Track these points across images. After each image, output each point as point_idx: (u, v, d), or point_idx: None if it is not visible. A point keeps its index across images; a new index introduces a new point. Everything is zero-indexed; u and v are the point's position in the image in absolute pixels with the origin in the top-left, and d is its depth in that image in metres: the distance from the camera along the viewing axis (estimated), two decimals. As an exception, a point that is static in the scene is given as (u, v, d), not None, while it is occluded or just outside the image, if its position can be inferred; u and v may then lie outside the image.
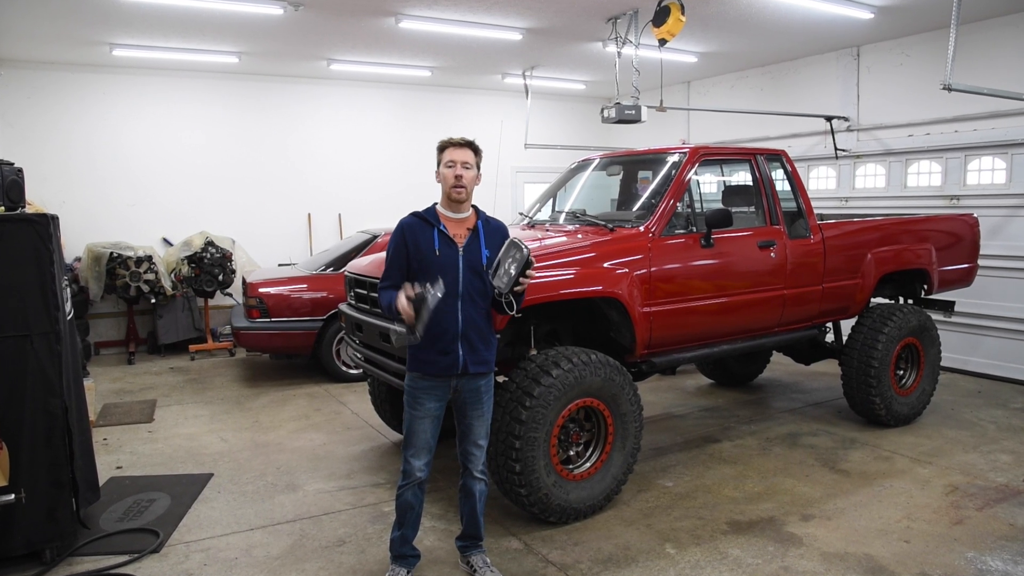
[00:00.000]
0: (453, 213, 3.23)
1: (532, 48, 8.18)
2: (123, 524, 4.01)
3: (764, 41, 8.03)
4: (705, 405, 6.45)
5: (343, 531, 3.95)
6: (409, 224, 3.22)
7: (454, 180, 3.16)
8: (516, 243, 3.06)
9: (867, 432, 5.54)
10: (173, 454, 5.24)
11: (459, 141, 3.22)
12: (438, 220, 3.20)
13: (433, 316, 3.03)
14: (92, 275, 8.10)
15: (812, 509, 4.18)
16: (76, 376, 3.83)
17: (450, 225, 3.20)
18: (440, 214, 3.23)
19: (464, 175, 3.17)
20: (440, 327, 3.12)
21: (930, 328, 5.78)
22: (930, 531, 3.89)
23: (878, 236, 5.60)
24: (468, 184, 3.19)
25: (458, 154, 3.18)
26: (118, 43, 7.68)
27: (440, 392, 3.22)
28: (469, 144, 3.23)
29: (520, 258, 3.02)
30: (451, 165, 3.18)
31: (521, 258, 3.02)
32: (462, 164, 3.18)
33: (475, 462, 3.32)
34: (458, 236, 3.19)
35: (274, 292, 7.14)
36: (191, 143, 9.26)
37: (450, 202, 3.21)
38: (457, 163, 3.17)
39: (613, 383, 3.99)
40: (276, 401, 6.68)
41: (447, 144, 3.23)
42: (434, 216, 3.21)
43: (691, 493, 4.44)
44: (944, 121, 7.46)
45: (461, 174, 3.16)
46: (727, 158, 5.53)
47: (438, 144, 3.26)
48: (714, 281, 4.63)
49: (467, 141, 3.23)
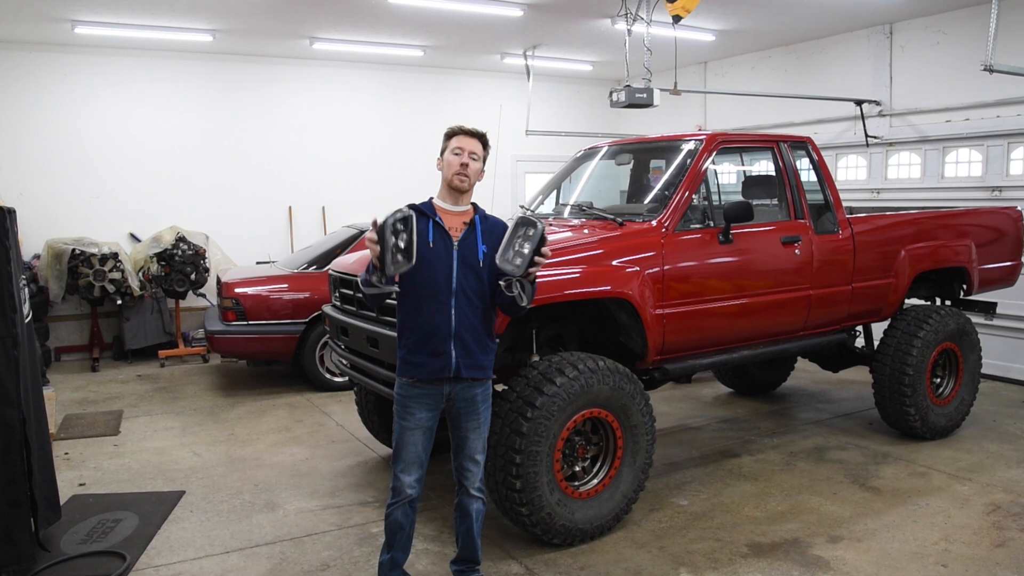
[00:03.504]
0: (451, 205, 3.25)
1: (534, 25, 8.18)
2: (86, 546, 4.00)
3: (788, 17, 8.03)
4: (723, 416, 6.46)
5: (327, 554, 3.95)
6: None
7: (459, 167, 3.19)
8: (527, 219, 3.05)
9: (901, 446, 5.54)
10: (141, 470, 5.24)
11: (470, 130, 3.28)
12: (434, 212, 3.23)
13: (425, 315, 3.06)
14: (52, 274, 8.09)
15: (840, 530, 4.18)
16: (35, 385, 3.83)
17: (446, 217, 3.23)
18: (437, 206, 3.26)
19: (470, 165, 3.21)
20: (432, 326, 3.14)
21: (970, 332, 5.78)
22: (970, 554, 3.89)
23: (913, 231, 5.60)
24: (472, 175, 3.23)
25: (467, 143, 3.23)
26: (80, 19, 7.68)
27: (432, 401, 3.23)
28: (480, 136, 3.28)
29: (534, 235, 3.00)
30: (458, 152, 3.22)
31: (536, 234, 3.00)
32: (469, 153, 3.22)
33: (471, 479, 3.33)
34: (454, 229, 3.21)
35: (251, 292, 7.14)
36: (161, 130, 9.26)
37: (450, 191, 3.24)
38: (465, 151, 3.21)
39: (623, 392, 3.99)
40: (254, 412, 6.68)
41: (457, 131, 3.28)
42: (430, 208, 3.25)
43: (708, 512, 4.44)
44: (985, 105, 7.46)
45: (467, 163, 3.20)
46: (747, 146, 5.53)
47: (447, 130, 3.31)
48: (733, 280, 4.63)
49: (478, 132, 3.28)
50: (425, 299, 3.14)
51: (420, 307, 3.16)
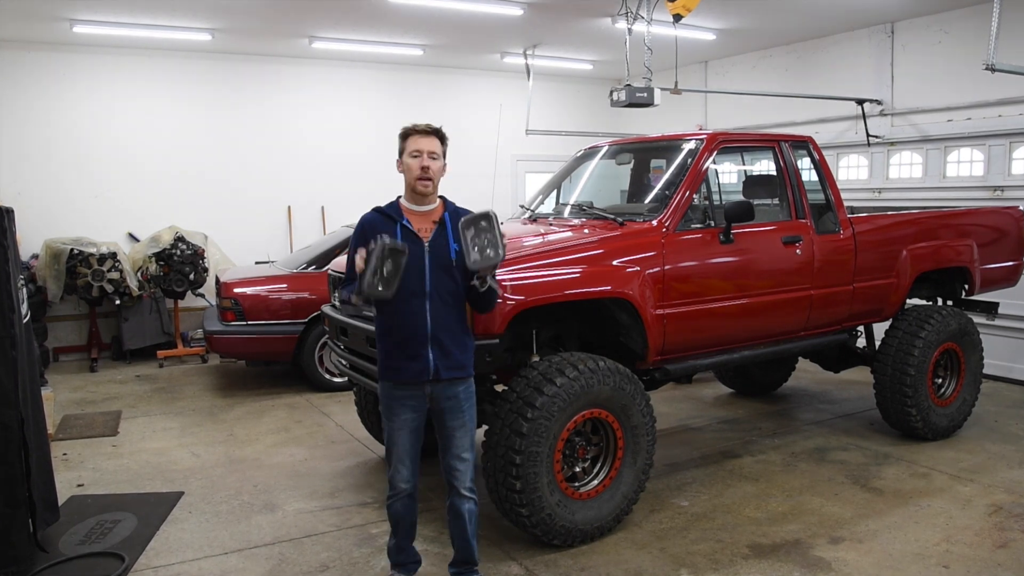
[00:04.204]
0: (417, 206, 3.26)
1: (534, 24, 8.19)
2: (85, 547, 4.02)
3: (789, 16, 8.04)
4: (724, 417, 6.47)
5: (326, 555, 3.96)
6: (369, 220, 3.28)
7: (420, 171, 3.19)
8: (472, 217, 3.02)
9: (902, 446, 5.56)
10: (140, 470, 5.25)
11: (424, 128, 3.24)
12: (401, 214, 3.23)
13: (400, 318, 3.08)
14: (50, 274, 8.11)
15: (842, 531, 4.19)
16: (33, 385, 3.84)
17: (414, 219, 3.23)
18: (403, 207, 3.27)
19: (431, 166, 3.19)
20: (408, 330, 3.16)
21: (971, 332, 5.79)
22: (972, 555, 3.90)
23: (914, 231, 5.61)
24: (435, 175, 3.22)
25: (424, 143, 3.21)
26: (79, 18, 7.69)
27: (416, 402, 3.26)
28: (436, 132, 3.25)
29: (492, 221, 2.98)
30: (416, 155, 3.20)
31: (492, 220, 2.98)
32: (428, 154, 3.20)
33: (461, 478, 3.34)
34: (423, 231, 3.21)
35: (251, 292, 7.15)
36: (160, 129, 9.27)
37: (415, 195, 3.25)
38: (423, 152, 3.20)
39: (623, 392, 4.00)
40: (253, 412, 6.68)
41: (411, 131, 3.25)
42: (397, 210, 3.25)
43: (709, 513, 4.45)
44: (987, 105, 7.47)
45: (428, 165, 3.19)
46: (748, 145, 5.54)
47: (401, 130, 3.29)
48: (734, 280, 4.64)
49: (433, 128, 3.26)
50: (399, 303, 3.12)
51: (395, 311, 3.17)
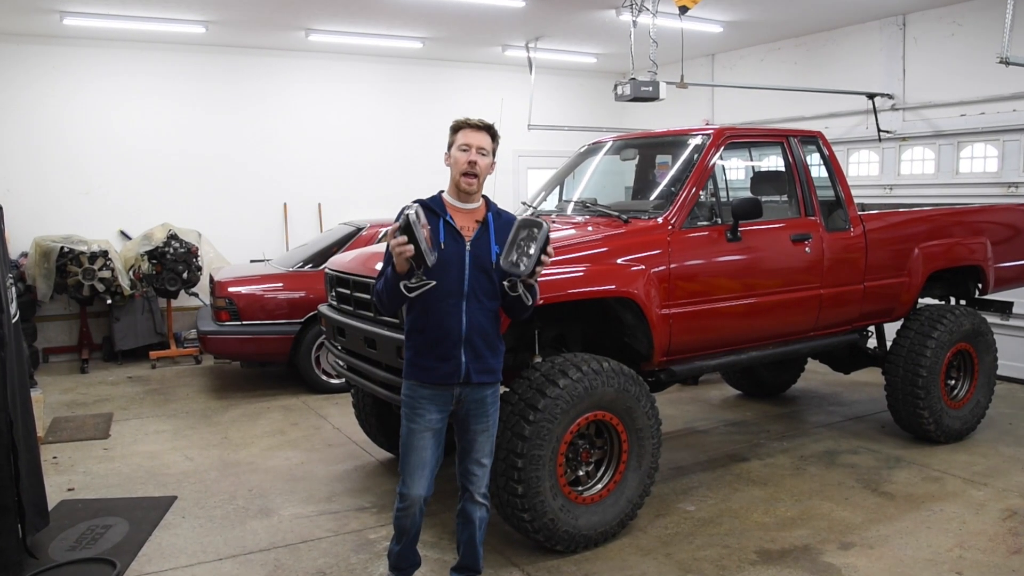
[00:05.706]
0: (461, 203, 3.22)
1: (537, 16, 8.18)
2: (75, 553, 4.00)
3: (798, 8, 8.02)
4: (731, 419, 6.45)
5: (323, 561, 3.95)
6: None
7: (466, 166, 3.14)
8: (531, 220, 3.04)
9: (914, 449, 5.54)
10: (132, 474, 5.24)
11: (477, 123, 3.21)
12: (444, 210, 3.19)
13: (434, 317, 3.06)
14: (40, 273, 8.10)
15: (852, 536, 4.18)
16: (22, 386, 3.83)
17: (457, 216, 3.19)
18: (447, 203, 3.22)
19: (479, 162, 3.16)
20: (441, 330, 3.12)
21: (985, 332, 5.78)
22: (985, 561, 3.88)
23: (926, 229, 5.60)
24: (481, 172, 3.18)
25: (474, 137, 3.17)
26: (69, 10, 7.68)
27: (443, 401, 3.21)
28: (488, 128, 3.22)
29: (540, 234, 2.99)
30: (466, 149, 3.16)
31: (541, 234, 2.99)
32: (477, 149, 3.16)
33: (477, 484, 3.32)
34: (465, 229, 3.18)
35: (245, 292, 7.14)
36: (152, 124, 9.26)
37: (459, 192, 3.21)
38: (472, 147, 3.16)
39: (628, 394, 3.99)
40: (248, 415, 6.68)
41: (463, 124, 3.22)
42: (440, 205, 3.20)
43: (716, 518, 4.43)
44: (1001, 99, 7.45)
45: (475, 160, 3.15)
46: (756, 141, 5.52)
47: (452, 123, 3.25)
48: (741, 279, 4.63)
49: (486, 124, 3.22)
50: (435, 301, 3.09)
51: (429, 309, 3.12)
